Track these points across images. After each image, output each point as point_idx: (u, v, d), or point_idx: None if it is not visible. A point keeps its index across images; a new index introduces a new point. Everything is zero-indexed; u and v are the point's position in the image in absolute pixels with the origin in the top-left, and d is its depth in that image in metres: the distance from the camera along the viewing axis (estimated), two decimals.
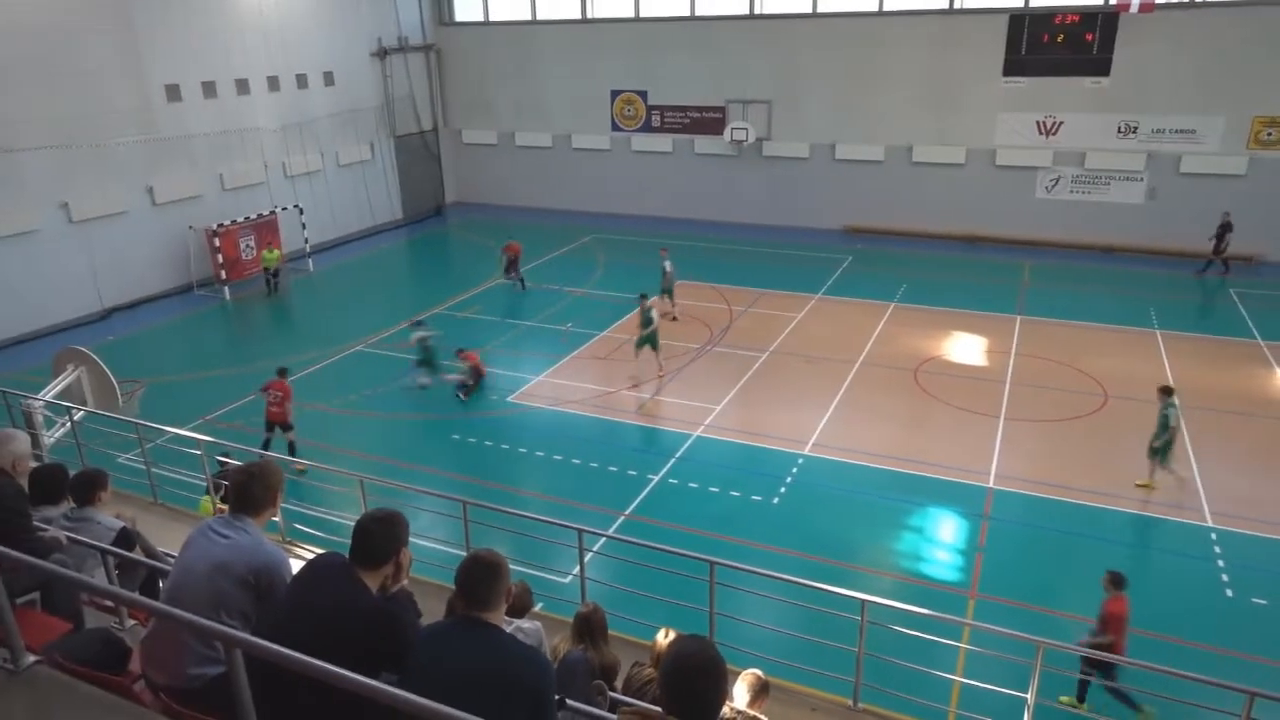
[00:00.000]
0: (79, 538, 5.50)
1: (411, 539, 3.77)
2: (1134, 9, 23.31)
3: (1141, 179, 24.89)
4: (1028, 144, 25.73)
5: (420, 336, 17.06)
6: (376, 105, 29.88)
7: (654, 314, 17.22)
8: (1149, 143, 24.58)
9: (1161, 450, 12.71)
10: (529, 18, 31.13)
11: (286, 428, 14.08)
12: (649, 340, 17.09)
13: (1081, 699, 8.49)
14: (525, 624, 5.44)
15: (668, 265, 20.54)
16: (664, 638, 5.63)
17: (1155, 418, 12.72)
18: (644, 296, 17.33)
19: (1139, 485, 13.05)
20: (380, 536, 3.58)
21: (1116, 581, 8.48)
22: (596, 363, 18.28)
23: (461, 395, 16.41)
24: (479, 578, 3.36)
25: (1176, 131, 24.22)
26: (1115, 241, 25.18)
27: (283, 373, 14.38)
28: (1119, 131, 24.74)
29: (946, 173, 26.75)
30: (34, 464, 5.94)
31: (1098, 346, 18.55)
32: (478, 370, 16.73)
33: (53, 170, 20.29)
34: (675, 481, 13.43)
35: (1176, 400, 12.68)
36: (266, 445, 13.92)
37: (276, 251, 23.79)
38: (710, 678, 2.75)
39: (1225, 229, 22.83)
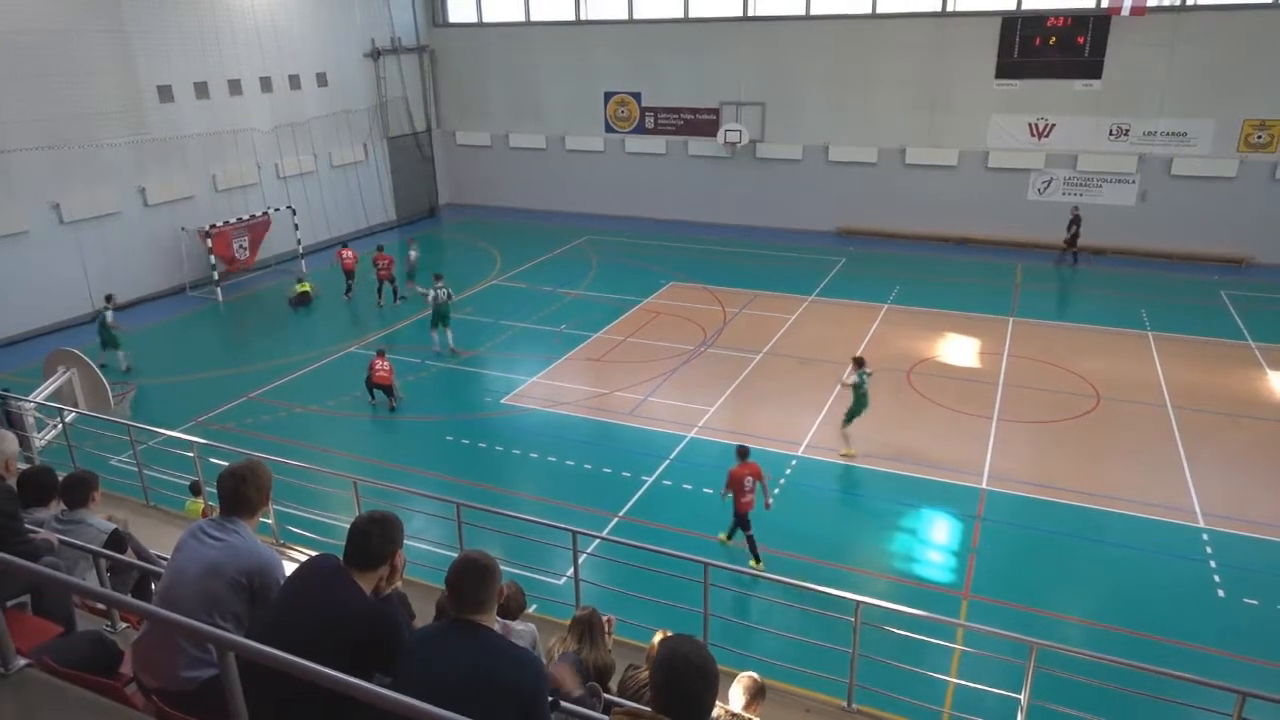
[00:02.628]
0: (70, 540, 5.48)
1: (406, 542, 3.76)
2: (1125, 12, 23.42)
3: (1133, 181, 25.00)
4: (1020, 146, 25.83)
5: None
6: (370, 106, 29.83)
7: (442, 292, 18.46)
8: (1140, 145, 24.70)
9: (849, 414, 14.12)
10: (523, 19, 31.12)
11: (393, 281, 21.93)
12: (444, 318, 18.58)
13: (729, 537, 11.62)
14: (518, 625, 5.42)
15: (413, 253, 23.98)
16: (660, 639, 5.60)
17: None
18: (438, 276, 18.77)
19: (843, 454, 14.18)
20: (377, 539, 3.57)
21: (740, 453, 11.26)
22: (590, 364, 18.27)
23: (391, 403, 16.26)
24: (470, 580, 3.34)
25: (1168, 134, 24.34)
26: (1106, 243, 25.28)
27: (381, 248, 22.30)
28: (1111, 134, 24.86)
29: (939, 175, 26.83)
30: (23, 466, 5.91)
31: (1090, 348, 18.62)
32: (379, 382, 16.17)
33: (44, 171, 20.19)
34: (669, 483, 13.43)
35: (869, 371, 14.17)
36: (389, 294, 22.03)
37: (306, 284, 22.73)
38: (702, 677, 2.74)
39: (1075, 223, 24.01)
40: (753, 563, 11.17)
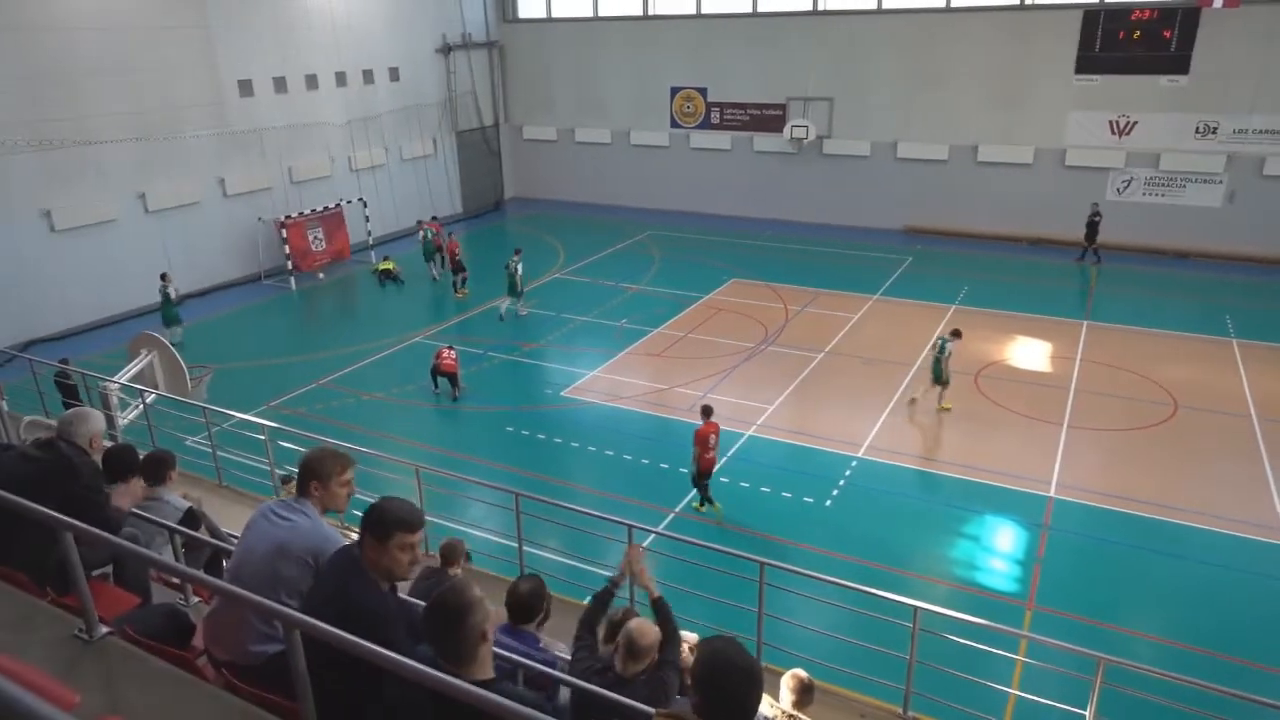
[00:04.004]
0: (149, 516, 5.71)
1: (465, 529, 3.81)
2: (1217, 4, 22.38)
3: (1220, 181, 23.92)
4: (1099, 144, 24.94)
5: None
6: (440, 101, 30.35)
7: (519, 267, 20.39)
8: (1229, 144, 23.60)
9: (938, 376, 15.26)
10: (591, 14, 31.27)
11: (458, 268, 22.47)
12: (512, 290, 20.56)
13: (702, 504, 12.38)
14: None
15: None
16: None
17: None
18: (518, 250, 20.75)
19: (942, 409, 15.39)
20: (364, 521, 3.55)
21: (704, 411, 12.32)
22: (650, 359, 18.29)
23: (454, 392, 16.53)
24: (441, 630, 2.96)
25: (1261, 132, 23.20)
26: (1190, 246, 24.25)
27: (450, 234, 23.96)
28: (1197, 132, 23.81)
29: (1013, 173, 26.08)
30: (107, 443, 6.18)
31: (1168, 354, 17.90)
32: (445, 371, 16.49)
33: (131, 162, 21.09)
34: (726, 480, 13.35)
35: (948, 343, 15.21)
36: (461, 282, 22.65)
37: (389, 262, 24.30)
38: (747, 679, 2.70)
39: (1094, 216, 23.87)
40: (697, 505, 12.40)
